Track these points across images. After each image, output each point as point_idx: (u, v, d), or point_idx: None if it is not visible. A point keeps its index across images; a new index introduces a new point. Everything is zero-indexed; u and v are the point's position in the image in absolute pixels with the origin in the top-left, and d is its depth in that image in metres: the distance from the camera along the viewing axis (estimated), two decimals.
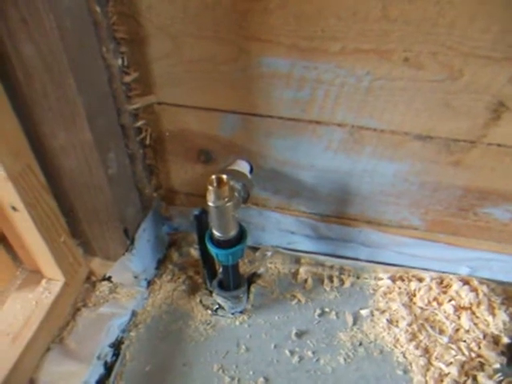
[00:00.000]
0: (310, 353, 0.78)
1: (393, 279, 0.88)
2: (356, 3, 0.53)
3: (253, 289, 0.88)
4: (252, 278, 0.89)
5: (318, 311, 0.84)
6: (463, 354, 0.76)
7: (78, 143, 0.61)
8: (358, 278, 0.91)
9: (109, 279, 0.83)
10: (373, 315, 0.84)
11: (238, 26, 0.58)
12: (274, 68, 0.62)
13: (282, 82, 0.63)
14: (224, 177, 0.62)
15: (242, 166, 0.74)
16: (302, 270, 0.91)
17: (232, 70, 0.64)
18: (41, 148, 0.63)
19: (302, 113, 0.66)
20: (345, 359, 0.77)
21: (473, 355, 0.76)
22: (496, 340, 0.78)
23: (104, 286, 0.84)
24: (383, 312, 0.84)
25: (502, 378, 0.73)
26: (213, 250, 0.71)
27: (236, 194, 0.68)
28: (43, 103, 0.57)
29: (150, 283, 0.88)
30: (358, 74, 0.60)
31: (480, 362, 0.75)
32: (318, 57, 0.59)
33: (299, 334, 0.81)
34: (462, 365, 0.75)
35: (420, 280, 0.87)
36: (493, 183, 0.68)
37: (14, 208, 0.65)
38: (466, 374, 0.74)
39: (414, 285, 0.87)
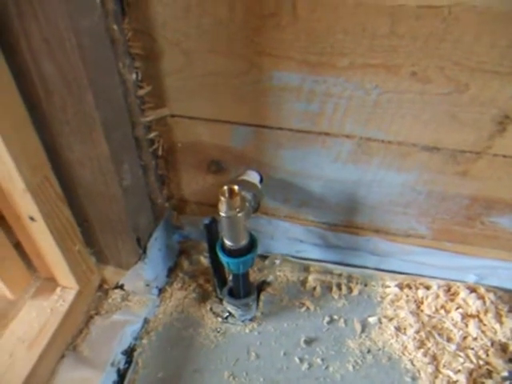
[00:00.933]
0: (319, 360, 0.79)
1: (400, 287, 0.90)
2: (365, 20, 0.55)
3: (262, 296, 0.89)
4: (261, 286, 0.90)
5: (327, 319, 0.85)
6: (471, 362, 0.77)
7: (94, 156, 0.63)
8: (365, 285, 0.92)
9: (121, 287, 0.85)
10: (381, 323, 0.85)
11: (250, 41, 0.60)
12: (285, 82, 0.64)
13: (293, 95, 0.65)
14: (236, 187, 0.64)
15: (253, 177, 0.76)
16: (310, 277, 0.92)
17: (243, 83, 0.66)
18: (58, 160, 0.65)
19: (312, 125, 0.68)
20: (353, 366, 0.78)
21: (481, 363, 0.77)
22: (504, 347, 0.79)
23: (116, 294, 0.86)
24: (391, 319, 0.85)
25: None
26: (224, 258, 0.72)
27: (247, 203, 0.70)
28: (62, 118, 0.59)
29: (161, 291, 0.90)
30: (367, 87, 0.62)
31: (488, 369, 0.76)
32: (328, 71, 0.61)
33: (308, 342, 0.82)
34: (470, 372, 0.76)
35: (427, 288, 0.88)
36: (499, 193, 0.70)
37: (31, 218, 0.67)
38: (474, 382, 0.75)
39: (421, 292, 0.88)
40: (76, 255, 0.76)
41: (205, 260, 0.95)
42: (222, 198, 0.64)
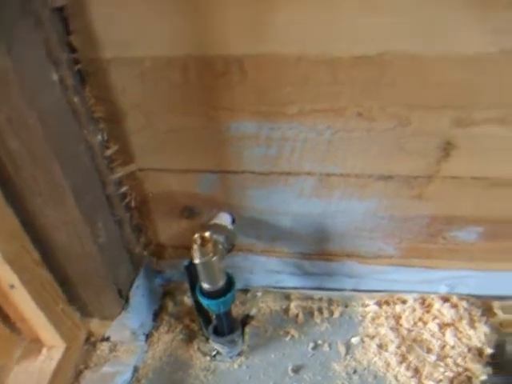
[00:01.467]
0: None
1: (379, 304, 0.93)
2: (308, 72, 0.60)
3: (247, 330, 0.91)
4: (246, 320, 0.93)
5: (312, 344, 0.88)
6: (451, 370, 0.80)
7: (67, 220, 0.66)
8: (346, 306, 0.95)
9: (107, 339, 0.87)
10: (363, 342, 0.88)
11: (205, 99, 0.64)
12: (242, 131, 0.68)
13: (252, 142, 0.69)
14: (207, 235, 0.67)
15: (224, 219, 0.79)
16: (292, 305, 0.95)
17: (204, 135, 0.69)
18: (33, 227, 0.67)
19: (273, 167, 0.72)
20: None
21: (460, 370, 0.80)
22: (480, 352, 0.83)
23: (104, 346, 0.87)
24: (373, 337, 0.88)
25: None
26: (204, 301, 0.75)
27: (220, 246, 0.73)
28: (33, 189, 0.62)
29: (148, 336, 0.91)
30: (319, 129, 0.66)
31: (467, 375, 0.80)
32: (280, 118, 0.65)
33: (295, 370, 0.84)
34: (451, 380, 0.79)
35: (404, 302, 0.92)
36: (454, 210, 0.75)
37: (12, 286, 0.68)
38: None
39: (398, 308, 0.91)
40: (60, 314, 0.78)
41: (189, 300, 0.97)
42: (195, 246, 0.67)
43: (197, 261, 0.68)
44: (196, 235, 0.67)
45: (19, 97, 0.53)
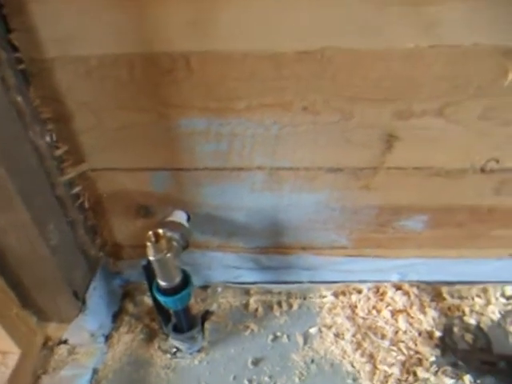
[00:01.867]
0: (266, 378, 0.83)
1: (335, 295, 0.96)
2: (253, 67, 0.61)
3: (207, 325, 0.92)
4: (205, 316, 0.94)
5: (271, 337, 0.90)
6: (403, 354, 0.84)
7: (17, 223, 0.65)
8: (304, 299, 0.97)
9: (65, 342, 0.85)
10: (321, 332, 0.90)
11: (153, 95, 0.65)
12: (192, 127, 0.69)
13: (202, 138, 0.70)
14: (160, 231, 0.68)
15: (179, 216, 0.80)
16: (252, 300, 0.97)
17: (154, 132, 0.70)
18: None
19: (225, 162, 0.73)
20: (299, 378, 0.83)
21: (411, 353, 0.84)
22: (430, 335, 0.87)
23: (62, 349, 0.86)
24: (330, 327, 0.91)
25: (437, 368, 0.81)
26: (161, 298, 0.75)
27: (175, 243, 0.73)
28: None
29: (107, 338, 0.91)
30: (266, 124, 0.68)
31: (418, 358, 0.83)
32: (229, 114, 0.67)
33: (255, 362, 0.86)
34: (403, 363, 0.83)
35: (359, 292, 0.95)
36: (400, 200, 0.78)
37: None
38: (407, 372, 0.81)
39: (354, 297, 0.95)
40: (14, 319, 0.76)
41: (148, 300, 0.97)
42: (149, 243, 0.67)
43: (151, 258, 0.68)
44: (150, 232, 0.67)
45: None
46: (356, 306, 0.94)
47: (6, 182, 0.59)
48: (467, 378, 0.80)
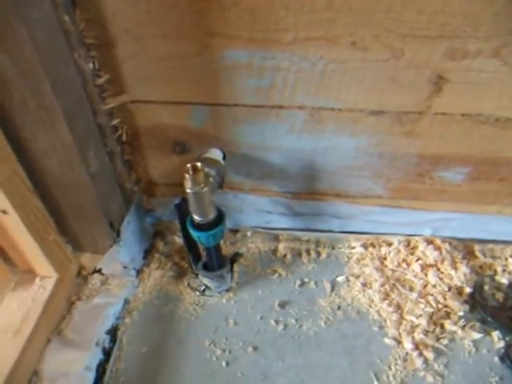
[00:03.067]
0: (293, 320, 0.85)
1: (365, 246, 0.96)
2: None
3: (236, 268, 0.94)
4: (235, 258, 0.95)
5: (298, 282, 0.91)
6: (431, 306, 0.84)
7: (58, 145, 0.66)
8: (333, 248, 0.97)
9: (99, 271, 0.88)
10: (348, 281, 0.91)
11: (198, 23, 0.63)
12: (236, 59, 0.67)
13: (244, 72, 0.69)
14: (198, 164, 0.68)
15: (215, 154, 0.80)
16: (280, 246, 0.98)
17: (197, 64, 0.69)
18: (24, 152, 0.67)
19: (265, 99, 0.72)
20: (325, 322, 0.84)
21: (439, 306, 0.84)
22: (460, 291, 0.86)
23: (95, 279, 0.89)
24: (358, 277, 0.91)
25: (465, 323, 0.81)
26: (194, 233, 0.76)
27: (211, 179, 0.73)
28: (22, 110, 0.61)
29: (139, 272, 0.93)
30: (312, 59, 0.66)
31: (446, 311, 0.83)
32: (274, 47, 0.65)
33: (282, 305, 0.87)
34: (431, 315, 0.83)
35: (389, 244, 0.95)
36: (442, 149, 0.76)
37: (4, 211, 0.69)
38: (435, 323, 0.82)
39: (384, 249, 0.94)
40: (52, 245, 0.79)
41: (179, 240, 0.99)
42: (187, 175, 0.67)
43: (188, 190, 0.68)
44: (188, 165, 0.67)
45: (8, 7, 0.52)
46: (385, 258, 0.93)
47: (51, 99, 0.59)
48: (495, 334, 0.80)
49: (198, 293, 0.90)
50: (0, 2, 0.51)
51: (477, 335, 0.80)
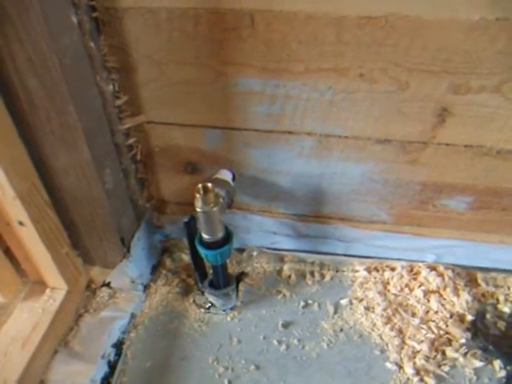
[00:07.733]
0: (295, 341, 0.86)
1: (368, 270, 0.97)
2: (315, 30, 0.63)
3: (241, 287, 0.95)
4: (240, 277, 0.97)
5: (302, 303, 0.92)
6: (433, 333, 0.85)
7: (77, 163, 0.69)
8: (337, 271, 0.99)
9: (108, 285, 0.90)
10: (351, 304, 0.92)
11: (215, 52, 0.67)
12: (249, 87, 0.71)
13: (256, 99, 0.72)
14: (209, 185, 0.71)
15: (226, 175, 0.83)
16: (285, 267, 0.99)
17: (211, 90, 0.72)
18: (44, 168, 0.70)
19: (275, 125, 0.75)
20: (328, 344, 0.85)
21: (441, 333, 0.85)
22: (461, 318, 0.87)
23: (104, 292, 0.91)
24: (361, 300, 0.92)
25: (466, 350, 0.82)
26: (202, 251, 0.79)
27: (221, 199, 0.76)
28: (46, 129, 0.65)
29: (146, 287, 0.95)
30: (321, 89, 0.69)
31: (448, 338, 0.84)
32: (286, 76, 0.68)
33: (285, 325, 0.89)
34: (432, 342, 0.84)
35: (392, 269, 0.96)
36: (446, 177, 0.78)
37: (21, 223, 0.72)
38: (436, 350, 0.82)
39: (387, 274, 0.96)
40: (64, 257, 0.81)
41: (186, 257, 1.01)
42: (197, 195, 0.70)
43: (199, 209, 0.71)
44: (199, 185, 0.70)
45: (41, 36, 0.56)
46: (388, 283, 0.95)
47: (74, 120, 0.63)
48: (497, 363, 0.81)
49: (203, 310, 0.92)
50: (35, 31, 0.55)
51: (478, 363, 0.81)
